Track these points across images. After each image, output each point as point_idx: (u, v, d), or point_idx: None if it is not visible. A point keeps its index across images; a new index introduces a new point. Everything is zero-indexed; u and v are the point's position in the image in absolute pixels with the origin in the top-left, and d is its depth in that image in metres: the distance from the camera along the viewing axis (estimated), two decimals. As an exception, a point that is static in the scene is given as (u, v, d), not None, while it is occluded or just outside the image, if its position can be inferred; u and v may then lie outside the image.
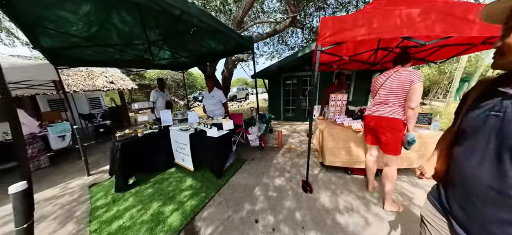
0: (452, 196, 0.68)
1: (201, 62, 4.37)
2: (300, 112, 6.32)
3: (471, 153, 0.61)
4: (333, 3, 5.73)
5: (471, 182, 0.60)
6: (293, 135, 4.58)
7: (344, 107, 2.97)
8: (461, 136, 0.66)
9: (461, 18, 1.33)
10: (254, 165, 2.91)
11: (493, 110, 0.57)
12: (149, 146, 2.64)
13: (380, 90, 1.73)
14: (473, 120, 0.62)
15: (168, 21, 2.23)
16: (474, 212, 0.60)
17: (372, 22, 1.50)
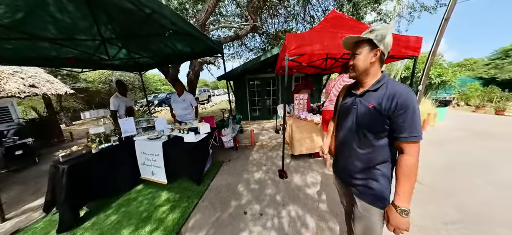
0: (336, 161, 1.07)
1: (163, 63, 4.09)
2: (266, 111, 6.86)
3: (343, 129, 0.97)
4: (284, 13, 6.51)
5: (343, 145, 0.97)
6: (263, 133, 4.99)
7: (306, 105, 3.58)
8: (338, 121, 1.03)
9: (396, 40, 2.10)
10: (232, 165, 3.07)
11: (352, 104, 0.90)
12: (107, 164, 2.26)
13: (332, 90, 2.31)
14: (343, 111, 0.97)
15: (133, 20, 1.98)
16: (345, 166, 0.96)
17: (324, 40, 2.03)
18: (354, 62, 0.84)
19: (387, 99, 0.77)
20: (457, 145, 3.72)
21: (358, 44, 0.84)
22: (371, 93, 0.83)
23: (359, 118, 0.86)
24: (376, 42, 0.78)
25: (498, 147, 3.51)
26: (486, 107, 8.17)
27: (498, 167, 2.73)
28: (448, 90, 11.07)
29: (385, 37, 0.78)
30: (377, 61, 0.82)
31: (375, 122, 0.80)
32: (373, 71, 0.84)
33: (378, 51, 0.79)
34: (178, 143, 2.52)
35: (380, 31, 0.79)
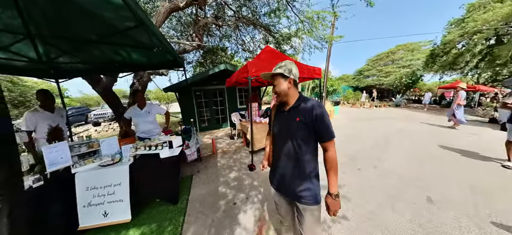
0: (274, 172, 1.18)
1: (101, 71, 3.38)
2: (214, 121, 7.11)
3: (278, 142, 1.12)
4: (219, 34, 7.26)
5: (280, 156, 1.10)
6: (219, 141, 5.28)
7: (258, 111, 4.40)
8: (274, 136, 1.17)
9: (306, 70, 3.19)
10: (204, 175, 3.16)
11: (283, 119, 1.10)
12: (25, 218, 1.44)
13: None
14: (277, 126, 1.14)
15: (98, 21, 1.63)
16: (283, 174, 1.09)
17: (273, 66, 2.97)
18: (276, 90, 1.06)
19: (308, 113, 0.98)
20: (347, 127, 6.05)
21: (274, 77, 1.06)
22: (295, 109, 1.04)
23: (290, 130, 1.03)
24: (286, 74, 1.02)
25: (362, 125, 6.10)
26: (356, 104, 13.51)
27: (367, 133, 4.94)
28: (337, 95, 16.55)
29: (291, 69, 1.03)
30: (292, 86, 1.05)
31: (303, 132, 1.00)
32: (292, 93, 1.06)
33: (290, 80, 1.03)
34: (149, 162, 2.30)
35: (287, 66, 1.02)
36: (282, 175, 1.10)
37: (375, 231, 1.76)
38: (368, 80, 23.61)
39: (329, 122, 0.99)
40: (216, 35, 7.13)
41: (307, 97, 1.07)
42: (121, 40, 2.07)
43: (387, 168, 3.15)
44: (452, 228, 1.76)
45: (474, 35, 11.36)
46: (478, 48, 12.27)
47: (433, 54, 14.16)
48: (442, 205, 2.12)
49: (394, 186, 2.57)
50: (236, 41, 6.97)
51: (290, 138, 1.04)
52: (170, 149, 2.55)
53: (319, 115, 0.97)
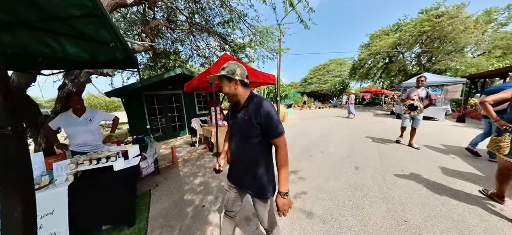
0: (231, 169, 1.22)
1: (14, 66, 2.36)
2: (171, 129, 6.56)
3: (234, 140, 1.15)
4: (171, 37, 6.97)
5: (235, 153, 1.14)
6: (178, 150, 4.93)
7: (220, 115, 4.46)
8: (230, 134, 1.21)
9: (262, 76, 3.56)
10: (165, 187, 2.81)
11: (236, 118, 1.11)
12: None
13: None
14: (232, 125, 1.16)
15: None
16: (238, 169, 1.14)
17: None
18: (223, 91, 1.06)
19: (256, 112, 0.99)
20: (299, 125, 6.97)
21: (220, 79, 1.05)
22: (245, 109, 1.05)
23: (242, 128, 1.06)
24: (230, 76, 1.00)
25: (310, 122, 7.15)
26: (304, 106, 15.49)
27: (314, 128, 5.85)
28: (289, 99, 18.47)
29: (235, 70, 1.01)
30: (239, 86, 1.04)
31: (252, 130, 1.02)
32: (241, 93, 1.05)
33: (235, 81, 1.02)
34: (98, 179, 1.91)
35: (230, 67, 1.01)
36: (237, 171, 1.15)
37: (323, 194, 2.30)
38: (312, 86, 27.71)
39: (277, 119, 0.99)
40: (168, 38, 6.76)
41: (257, 95, 1.08)
42: (56, 28, 1.59)
43: (330, 151, 3.92)
44: (368, 181, 2.58)
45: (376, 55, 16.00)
46: (380, 64, 17.38)
47: (354, 67, 18.90)
48: (364, 169, 2.97)
49: (335, 163, 3.28)
50: (190, 46, 6.80)
51: (241, 137, 1.07)
52: (125, 160, 2.24)
53: (265, 113, 0.98)
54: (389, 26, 16.72)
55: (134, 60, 2.42)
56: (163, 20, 5.44)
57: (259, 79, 3.98)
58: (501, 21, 12.85)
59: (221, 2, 4.57)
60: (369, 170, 2.93)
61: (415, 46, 13.97)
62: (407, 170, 2.89)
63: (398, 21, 16.02)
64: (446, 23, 11.47)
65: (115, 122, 2.69)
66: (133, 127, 5.59)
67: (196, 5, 5.14)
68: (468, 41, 11.99)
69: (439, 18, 11.82)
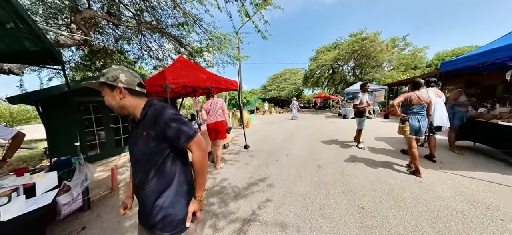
0: (139, 206, 0.90)
1: None
2: (113, 144, 5.36)
3: (135, 165, 0.89)
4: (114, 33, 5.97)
5: (139, 182, 0.87)
6: (122, 170, 4.04)
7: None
8: (132, 159, 0.91)
9: (224, 81, 3.44)
10: (96, 229, 1.99)
11: (134, 136, 0.88)
12: None
13: (211, 108, 3.29)
14: (131, 146, 0.91)
15: None
16: (144, 203, 0.86)
17: (190, 76, 2.97)
18: (106, 102, 0.85)
19: (153, 124, 0.82)
20: (264, 129, 7.09)
21: (101, 87, 0.84)
22: (141, 123, 0.86)
23: (142, 148, 0.84)
24: (110, 83, 0.81)
25: (273, 126, 7.45)
26: (266, 112, 16.03)
27: (278, 132, 6.06)
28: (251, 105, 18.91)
29: (117, 76, 0.82)
30: (128, 96, 0.84)
31: (153, 146, 0.82)
32: (132, 104, 0.86)
33: (120, 89, 0.82)
34: None
35: (110, 73, 0.82)
36: (145, 206, 0.86)
37: (292, 199, 2.31)
38: (271, 93, 29.38)
39: (183, 122, 0.85)
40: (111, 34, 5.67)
41: (154, 103, 0.89)
42: None
43: (295, 154, 4.12)
44: (330, 178, 2.83)
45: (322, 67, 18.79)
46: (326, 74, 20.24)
47: (305, 77, 21.35)
48: (325, 167, 3.25)
49: (300, 164, 3.44)
50: (139, 46, 5.92)
51: (144, 159, 0.85)
52: (29, 199, 1.55)
53: (166, 119, 0.82)
54: (330, 44, 20.08)
55: (56, 54, 1.87)
56: (102, 12, 4.51)
57: (220, 84, 3.82)
58: (401, 47, 17.79)
59: (174, 4, 4.20)
60: (330, 167, 3.23)
61: (350, 61, 17.35)
62: (359, 162, 3.36)
63: (336, 40, 19.49)
64: (369, 45, 15.03)
65: (16, 141, 1.83)
66: (54, 145, 4.21)
67: (145, 3, 4.54)
68: (384, 59, 16.01)
69: (363, 41, 15.33)
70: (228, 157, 4.16)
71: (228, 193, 2.53)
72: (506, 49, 2.90)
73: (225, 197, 2.44)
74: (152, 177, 0.84)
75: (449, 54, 17.56)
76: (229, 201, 2.34)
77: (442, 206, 2.00)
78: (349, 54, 16.03)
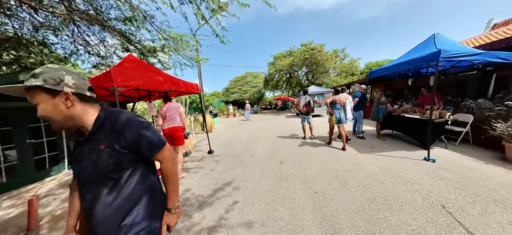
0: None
1: None
2: (31, 167, 4.11)
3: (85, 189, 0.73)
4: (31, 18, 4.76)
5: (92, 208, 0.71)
6: (46, 201, 3.10)
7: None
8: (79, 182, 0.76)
9: (183, 85, 3.24)
10: None
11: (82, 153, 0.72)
12: None
13: (167, 114, 3.04)
14: (77, 165, 0.73)
15: None
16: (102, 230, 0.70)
17: (144, 78, 2.71)
18: (40, 114, 0.64)
19: (116, 135, 0.70)
20: (228, 133, 7.05)
21: (29, 93, 0.63)
22: (96, 134, 0.71)
23: (97, 165, 0.69)
24: (51, 87, 0.62)
25: (238, 128, 7.52)
26: (229, 115, 16.05)
27: (242, 134, 6.15)
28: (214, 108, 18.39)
29: (62, 79, 0.64)
30: (77, 102, 0.69)
31: (117, 160, 0.70)
32: (84, 111, 0.71)
33: (65, 95, 0.65)
34: None
35: (49, 75, 0.63)
36: (104, 230, 0.71)
37: (257, 197, 2.42)
38: (234, 95, 29.42)
39: (150, 131, 0.76)
40: (27, 19, 4.37)
41: (111, 111, 0.76)
42: None
43: (259, 154, 4.29)
44: (291, 171, 3.12)
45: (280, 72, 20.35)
46: (284, 78, 21.88)
47: (266, 80, 22.52)
48: (286, 162, 3.56)
49: (264, 163, 3.62)
50: (73, 39, 4.83)
51: (100, 176, 0.70)
52: None
53: (133, 133, 0.72)
54: (285, 51, 21.98)
55: None
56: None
57: (180, 88, 3.59)
58: (342, 57, 21.34)
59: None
60: (290, 162, 3.54)
61: (303, 67, 19.45)
62: (313, 154, 3.84)
63: (290, 48, 21.49)
64: (317, 54, 17.32)
65: None
66: None
67: (77, -14, 3.78)
68: (330, 67, 18.84)
69: (312, 51, 17.55)
70: (191, 165, 3.92)
71: (192, 204, 2.39)
72: (404, 64, 4.02)
73: (189, 209, 2.29)
74: (116, 195, 0.72)
75: (374, 64, 22.18)
76: (193, 212, 2.21)
77: (371, 179, 2.59)
78: (302, 61, 18.12)
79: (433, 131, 3.59)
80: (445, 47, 3.32)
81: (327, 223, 1.81)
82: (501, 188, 2.20)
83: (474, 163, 3.03)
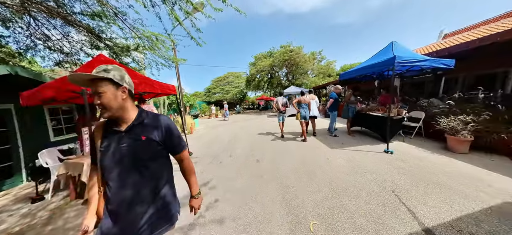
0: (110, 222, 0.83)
1: None
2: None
3: (116, 175, 0.82)
4: None
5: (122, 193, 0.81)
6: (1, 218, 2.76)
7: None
8: (106, 169, 0.83)
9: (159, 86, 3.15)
10: None
11: (120, 142, 0.82)
12: None
13: None
14: (110, 154, 0.82)
15: None
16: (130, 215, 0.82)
17: None
18: (103, 101, 0.77)
19: (157, 129, 0.88)
20: (209, 134, 6.95)
21: (97, 83, 0.77)
22: (138, 127, 0.86)
23: (135, 153, 0.83)
24: (117, 81, 0.79)
25: (219, 129, 7.46)
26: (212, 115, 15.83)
27: (223, 135, 6.08)
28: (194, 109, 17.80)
29: (124, 76, 0.83)
30: (128, 97, 0.85)
31: (153, 150, 0.87)
32: (130, 107, 0.86)
33: (125, 89, 0.82)
34: None
35: (116, 72, 0.80)
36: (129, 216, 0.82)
37: (232, 195, 2.49)
38: (216, 95, 28.86)
39: (179, 133, 0.98)
40: None
41: (149, 111, 0.95)
42: None
43: (238, 153, 4.33)
44: (267, 167, 3.30)
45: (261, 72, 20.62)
46: (265, 79, 22.18)
47: (248, 80, 22.51)
48: (262, 160, 3.68)
49: (242, 162, 3.69)
50: (29, 32, 4.29)
51: (135, 164, 0.83)
52: None
53: (168, 129, 0.92)
54: (266, 52, 22.34)
55: None
56: None
57: (155, 89, 3.46)
58: (319, 59, 22.42)
59: (81, -14, 3.41)
60: (266, 160, 3.67)
61: (283, 68, 19.95)
62: (287, 151, 4.02)
63: (270, 49, 21.92)
64: (295, 56, 17.89)
65: None
66: None
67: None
68: (308, 68, 19.64)
69: (291, 53, 18.13)
70: (166, 167, 3.83)
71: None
72: (368, 68, 4.46)
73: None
74: (144, 181, 0.86)
75: (348, 67, 23.89)
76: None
77: (338, 172, 2.84)
78: (282, 63, 18.61)
79: (392, 127, 4.09)
80: (400, 53, 3.78)
81: (293, 213, 1.96)
82: (440, 173, 2.61)
83: (423, 153, 3.53)
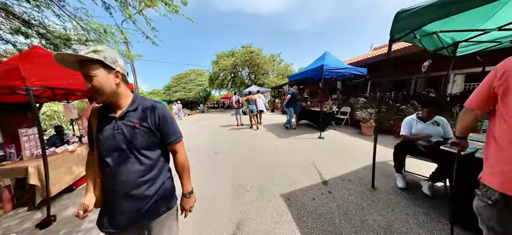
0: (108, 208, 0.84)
1: None
2: None
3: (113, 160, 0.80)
4: None
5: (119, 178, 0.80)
6: None
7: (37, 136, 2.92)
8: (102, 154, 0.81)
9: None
10: None
11: (115, 128, 0.80)
12: None
13: None
14: (105, 139, 0.80)
15: None
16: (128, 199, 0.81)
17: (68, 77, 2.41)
18: (94, 85, 0.73)
19: (150, 115, 0.84)
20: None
21: (87, 65, 0.72)
22: (132, 113, 0.83)
23: (129, 139, 0.81)
24: (109, 64, 0.75)
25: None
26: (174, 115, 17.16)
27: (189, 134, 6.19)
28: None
29: (117, 60, 0.79)
30: (121, 81, 0.81)
31: (146, 137, 0.83)
32: (124, 92, 0.84)
33: (118, 74, 0.79)
34: None
35: (108, 53, 0.76)
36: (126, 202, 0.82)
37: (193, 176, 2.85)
38: (177, 94, 27.03)
39: (175, 122, 0.92)
40: None
41: (142, 97, 0.91)
42: None
43: (201, 151, 4.62)
44: (222, 157, 3.73)
45: (224, 71, 20.62)
46: (229, 78, 22.24)
47: (211, 78, 21.99)
48: (220, 152, 4.15)
49: (202, 156, 4.05)
50: None
51: (130, 150, 0.81)
52: None
53: (163, 115, 0.87)
54: (228, 51, 22.48)
55: None
56: None
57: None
58: (278, 61, 23.98)
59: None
60: (223, 152, 4.13)
61: (245, 67, 20.62)
62: (244, 142, 4.63)
63: (232, 49, 22.18)
64: (255, 57, 18.82)
65: None
66: None
67: None
68: (269, 69, 20.92)
69: (252, 54, 18.99)
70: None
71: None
72: (308, 72, 5.58)
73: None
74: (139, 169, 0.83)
75: (303, 68, 26.61)
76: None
77: (279, 154, 3.64)
78: (244, 63, 19.25)
79: (325, 119, 5.32)
80: (328, 62, 4.93)
81: (237, 185, 2.55)
82: (350, 149, 3.76)
83: (345, 137, 4.79)
